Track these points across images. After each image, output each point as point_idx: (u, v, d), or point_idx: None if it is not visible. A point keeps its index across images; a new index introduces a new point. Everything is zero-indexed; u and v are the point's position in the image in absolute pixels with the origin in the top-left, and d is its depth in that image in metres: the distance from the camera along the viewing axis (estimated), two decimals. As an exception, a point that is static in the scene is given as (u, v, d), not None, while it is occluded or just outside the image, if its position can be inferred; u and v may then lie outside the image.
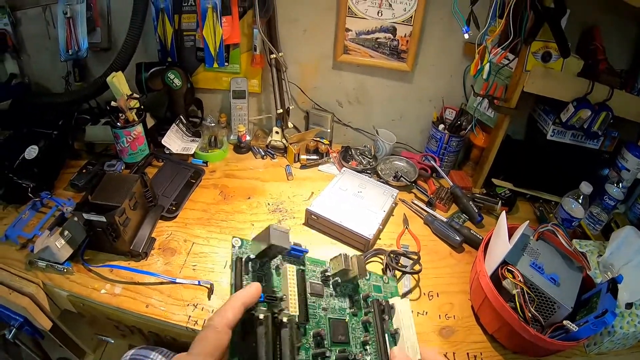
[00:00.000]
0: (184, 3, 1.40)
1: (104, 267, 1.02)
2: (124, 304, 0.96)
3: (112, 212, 0.96)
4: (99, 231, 0.98)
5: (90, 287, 0.99)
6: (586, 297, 0.96)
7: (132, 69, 1.43)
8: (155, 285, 0.99)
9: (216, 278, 1.02)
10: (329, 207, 1.17)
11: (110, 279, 1.01)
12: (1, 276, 1.07)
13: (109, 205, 0.99)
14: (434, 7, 1.30)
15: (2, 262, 1.10)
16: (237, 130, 1.45)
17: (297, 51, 1.44)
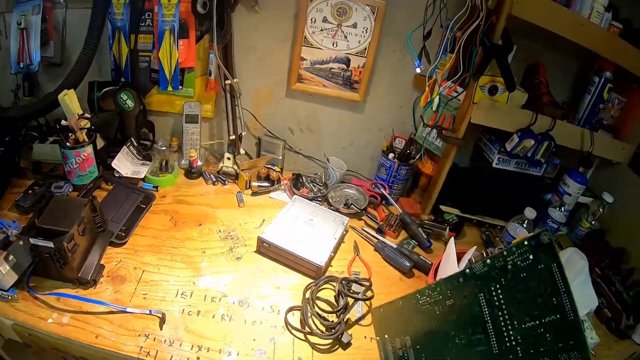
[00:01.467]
0: (142, 23, 1.51)
1: (51, 295, 1.05)
2: (72, 334, 0.98)
3: (60, 237, 0.99)
4: (46, 257, 1.02)
5: (37, 315, 1.02)
6: None
7: (84, 87, 1.53)
8: (104, 314, 1.03)
9: (167, 307, 1.07)
10: (280, 234, 1.27)
11: (58, 308, 1.04)
12: None
13: (57, 230, 1.02)
14: (388, 40, 1.47)
15: None
16: (189, 155, 1.57)
17: (251, 78, 1.58)
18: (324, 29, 1.46)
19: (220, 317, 1.07)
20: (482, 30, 1.22)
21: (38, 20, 1.55)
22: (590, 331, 1.23)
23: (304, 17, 1.44)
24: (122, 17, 1.49)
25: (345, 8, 1.43)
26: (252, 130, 1.69)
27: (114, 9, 1.48)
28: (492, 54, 1.27)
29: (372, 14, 1.42)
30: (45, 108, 1.53)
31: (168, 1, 1.41)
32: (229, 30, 1.46)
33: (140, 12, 1.50)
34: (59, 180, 1.46)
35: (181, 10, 1.43)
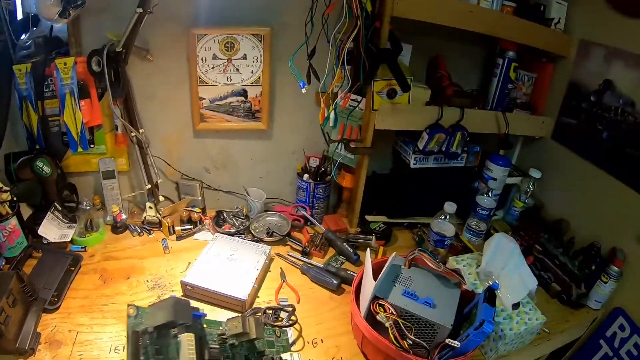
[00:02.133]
0: (46, 89, 1.61)
1: None
2: None
3: None
4: None
5: None
6: (467, 310, 1.12)
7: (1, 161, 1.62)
8: None
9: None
10: (203, 275, 1.33)
11: None
12: None
13: None
14: (279, 64, 1.56)
15: None
16: (112, 210, 1.67)
17: (157, 125, 1.68)
18: (215, 65, 1.56)
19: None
20: (363, 37, 1.29)
21: None
22: (534, 312, 1.29)
23: (195, 58, 1.53)
24: (26, 86, 1.58)
25: (232, 42, 1.52)
26: (169, 175, 1.78)
27: (17, 79, 1.57)
28: (379, 59, 1.34)
29: (259, 42, 1.51)
30: None
31: (64, 65, 1.51)
32: (125, 83, 1.55)
33: (42, 79, 1.59)
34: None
35: (79, 71, 1.52)
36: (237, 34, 1.50)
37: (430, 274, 1.20)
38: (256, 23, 1.48)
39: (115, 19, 1.47)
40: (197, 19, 1.49)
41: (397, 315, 1.03)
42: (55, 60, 1.50)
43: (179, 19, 1.49)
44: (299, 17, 1.34)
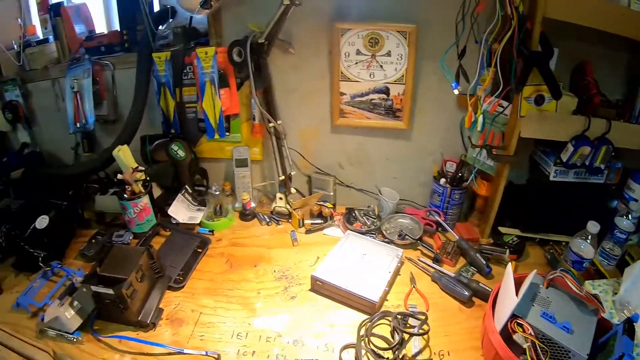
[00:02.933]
0: (184, 77, 1.74)
1: (113, 338, 1.21)
2: None
3: (119, 285, 1.16)
4: (108, 302, 1.19)
5: (100, 357, 1.17)
6: (603, 340, 1.06)
7: (137, 141, 1.77)
8: (163, 356, 1.16)
9: (223, 348, 1.17)
10: (333, 271, 1.36)
11: (120, 349, 1.19)
12: (13, 343, 1.27)
13: (117, 278, 1.19)
14: (424, 63, 1.58)
15: (14, 330, 1.31)
16: (242, 198, 1.77)
17: (295, 118, 1.76)
18: (359, 61, 1.61)
19: (275, 357, 1.16)
20: (517, 39, 1.25)
21: (89, 83, 1.83)
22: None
23: (338, 52, 1.60)
24: (165, 73, 1.73)
25: (376, 38, 1.56)
26: (302, 168, 1.87)
27: (156, 67, 1.72)
28: (532, 63, 1.31)
29: (404, 39, 1.54)
30: (103, 164, 1.80)
31: (205, 54, 1.64)
32: (266, 75, 1.65)
33: (181, 67, 1.72)
34: (119, 230, 1.71)
35: (219, 61, 1.64)
36: (382, 30, 1.54)
37: (568, 297, 1.15)
38: (402, 19, 1.48)
39: (255, 11, 1.57)
40: (342, 13, 1.54)
41: (534, 337, 1.01)
42: (196, 50, 1.63)
43: (323, 12, 1.55)
44: (445, 14, 1.33)
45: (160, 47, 1.77)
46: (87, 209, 1.89)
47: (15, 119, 2.13)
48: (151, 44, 1.73)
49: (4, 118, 2.13)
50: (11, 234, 1.67)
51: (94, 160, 1.88)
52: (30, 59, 2.09)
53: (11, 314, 1.37)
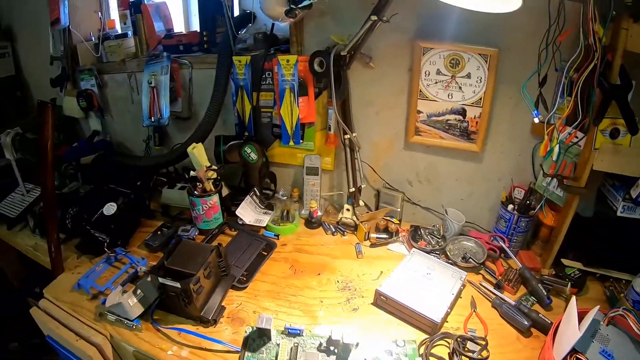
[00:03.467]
0: (263, 82, 1.84)
1: (172, 329, 1.26)
2: None
3: (187, 279, 1.20)
4: (172, 295, 1.24)
5: (158, 346, 1.23)
6: None
7: (210, 140, 1.87)
8: (221, 353, 1.20)
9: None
10: (398, 288, 1.37)
11: (178, 341, 1.24)
12: (71, 322, 1.36)
13: (184, 272, 1.24)
14: (502, 88, 1.61)
15: (73, 309, 1.40)
16: (310, 205, 1.85)
17: (370, 131, 1.82)
18: (438, 81, 1.66)
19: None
20: (599, 71, 1.26)
21: (167, 80, 1.95)
22: None
23: (418, 71, 1.65)
24: (244, 77, 1.82)
25: (457, 59, 1.61)
26: (371, 182, 1.93)
27: (236, 70, 1.82)
28: (611, 96, 1.31)
29: (484, 62, 1.58)
30: (175, 159, 1.90)
31: (287, 62, 1.71)
32: (346, 87, 1.72)
33: (260, 72, 1.82)
34: (185, 224, 1.81)
35: (299, 69, 1.72)
36: (464, 52, 1.57)
37: (628, 337, 1.14)
38: (484, 42, 1.48)
39: (337, 22, 1.65)
40: (425, 32, 1.58)
41: (592, 374, 1.01)
42: (277, 56, 1.70)
43: (407, 30, 1.60)
44: (527, 40, 1.37)
45: (240, 50, 1.85)
46: (153, 200, 2.01)
47: (88, 107, 2.26)
48: (232, 47, 1.82)
49: (78, 105, 2.26)
50: (78, 217, 1.78)
51: (167, 154, 2.00)
52: (108, 52, 2.22)
53: (71, 294, 1.48)
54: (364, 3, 1.49)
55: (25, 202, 2.10)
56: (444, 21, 1.54)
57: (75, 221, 1.84)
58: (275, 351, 1.18)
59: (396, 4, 1.44)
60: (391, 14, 1.46)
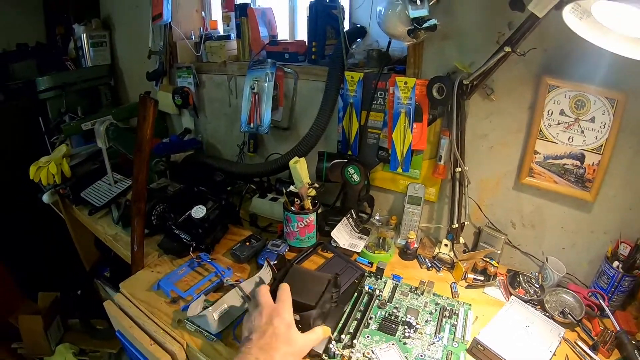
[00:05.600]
0: (374, 102, 1.92)
1: None
2: None
3: (308, 312, 1.18)
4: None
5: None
6: None
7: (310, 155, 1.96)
8: None
9: None
10: (497, 339, 1.33)
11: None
12: (146, 324, 1.42)
13: (299, 302, 1.20)
14: (623, 135, 1.61)
15: (149, 310, 1.46)
16: (408, 236, 1.90)
17: (479, 167, 1.87)
18: (561, 122, 1.69)
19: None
20: None
21: (271, 87, 2.08)
22: None
23: (541, 109, 1.68)
24: (355, 94, 1.92)
25: (583, 100, 1.63)
26: (473, 219, 1.97)
27: (347, 85, 1.91)
28: None
29: (610, 107, 1.60)
30: (273, 171, 2.03)
31: (404, 84, 1.78)
32: (463, 117, 1.78)
33: (373, 91, 1.90)
34: (275, 238, 1.91)
35: (416, 93, 1.77)
36: (591, 94, 1.60)
37: None
38: (613, 86, 1.55)
39: (461, 48, 1.71)
40: (552, 67, 1.61)
41: None
42: (395, 77, 1.78)
43: (534, 63, 1.63)
44: None
45: (350, 66, 1.95)
46: (242, 208, 2.11)
47: (183, 104, 2.40)
48: (344, 61, 1.91)
49: (174, 102, 2.41)
50: (165, 215, 1.90)
51: (265, 164, 2.12)
52: (209, 52, 2.37)
53: (149, 293, 1.57)
54: (492, 31, 1.54)
55: (112, 193, 2.28)
56: (574, 58, 1.57)
57: (161, 219, 1.98)
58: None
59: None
60: (528, 48, 1.50)
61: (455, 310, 1.51)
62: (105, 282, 3.04)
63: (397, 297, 1.54)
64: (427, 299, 1.55)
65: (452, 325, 1.45)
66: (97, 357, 3.20)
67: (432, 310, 1.50)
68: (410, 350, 1.31)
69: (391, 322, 1.42)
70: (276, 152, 2.18)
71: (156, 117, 2.48)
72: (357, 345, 1.31)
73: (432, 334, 1.40)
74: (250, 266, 1.75)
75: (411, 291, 1.58)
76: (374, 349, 1.30)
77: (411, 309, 1.49)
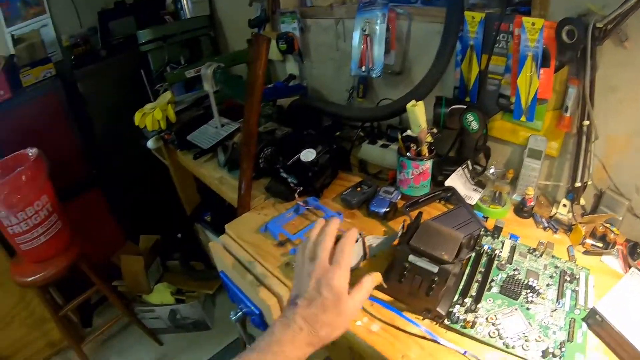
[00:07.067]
0: (497, 45, 1.83)
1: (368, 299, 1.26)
2: (379, 344, 1.18)
3: (446, 264, 1.20)
4: (408, 276, 1.25)
5: None
6: None
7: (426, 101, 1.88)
8: (416, 337, 1.19)
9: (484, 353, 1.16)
10: (617, 313, 1.21)
11: (370, 313, 1.27)
12: (252, 266, 1.49)
13: (433, 256, 1.22)
14: None
15: (257, 252, 1.53)
16: (525, 191, 1.82)
17: (607, 121, 1.75)
18: None
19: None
20: None
21: (383, 29, 2.05)
22: None
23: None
24: (475, 36, 1.84)
25: None
26: (596, 180, 1.85)
27: (467, 27, 1.84)
28: None
29: None
30: (387, 115, 2.01)
31: (532, 25, 1.69)
32: (593, 65, 1.66)
33: (495, 33, 1.81)
34: (387, 186, 1.89)
35: (544, 37, 1.68)
36: None
37: None
38: None
39: None
40: None
41: None
42: (522, 18, 1.69)
43: None
44: None
45: (470, 6, 1.88)
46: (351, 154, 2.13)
47: (287, 50, 2.48)
48: (464, 1, 1.84)
49: (278, 48, 2.49)
50: (272, 159, 1.99)
51: (377, 109, 2.10)
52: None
53: (256, 235, 1.65)
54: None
55: (219, 136, 2.39)
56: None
57: (269, 162, 2.07)
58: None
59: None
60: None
61: (575, 274, 1.43)
62: (205, 225, 3.27)
63: (516, 259, 1.47)
64: (547, 261, 1.47)
65: (573, 290, 1.37)
66: (193, 297, 3.48)
67: (552, 273, 1.42)
68: (534, 317, 1.25)
69: (513, 285, 1.36)
70: (387, 97, 2.13)
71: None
72: (480, 310, 1.26)
73: (554, 299, 1.33)
74: (360, 212, 1.76)
75: (529, 252, 1.50)
76: (497, 314, 1.26)
77: (531, 271, 1.41)
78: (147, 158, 3.22)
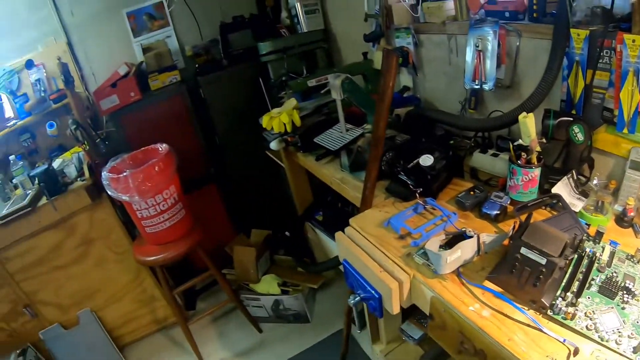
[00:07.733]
0: (600, 60, 1.96)
1: (478, 287, 1.45)
2: (488, 328, 1.30)
3: (554, 257, 1.31)
4: (517, 266, 1.39)
5: (460, 299, 1.42)
6: None
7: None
8: (521, 324, 1.31)
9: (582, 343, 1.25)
10: None
11: (481, 300, 1.40)
12: (375, 254, 1.69)
13: (543, 251, 1.34)
14: None
15: (379, 243, 1.73)
16: (626, 202, 1.92)
17: None
18: None
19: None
20: None
21: (495, 45, 2.23)
22: None
23: None
24: (581, 52, 1.98)
25: None
26: None
27: (573, 43, 1.99)
28: None
29: None
30: (499, 126, 2.22)
31: (632, 42, 1.79)
32: None
33: (598, 49, 1.95)
34: (498, 191, 2.06)
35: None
36: None
37: None
38: None
39: None
40: None
41: None
42: (623, 35, 1.80)
43: None
44: None
45: (574, 23, 1.99)
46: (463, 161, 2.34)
47: (403, 63, 2.76)
48: (569, 19, 1.96)
49: (395, 61, 2.79)
50: (393, 162, 2.23)
51: (489, 120, 2.32)
52: (426, 13, 2.62)
53: (379, 229, 1.85)
54: None
55: (344, 140, 2.64)
56: None
57: (390, 165, 2.28)
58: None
59: None
60: None
61: (669, 284, 1.41)
62: (316, 224, 3.56)
63: (615, 263, 1.54)
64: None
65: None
66: (297, 290, 3.61)
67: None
68: (628, 316, 1.33)
69: (611, 286, 1.44)
70: (497, 109, 2.29)
71: (373, 75, 2.95)
72: (580, 305, 1.36)
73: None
74: (472, 214, 1.93)
75: (627, 258, 1.56)
76: (594, 310, 1.36)
77: (628, 275, 1.47)
78: (262, 159, 3.66)
